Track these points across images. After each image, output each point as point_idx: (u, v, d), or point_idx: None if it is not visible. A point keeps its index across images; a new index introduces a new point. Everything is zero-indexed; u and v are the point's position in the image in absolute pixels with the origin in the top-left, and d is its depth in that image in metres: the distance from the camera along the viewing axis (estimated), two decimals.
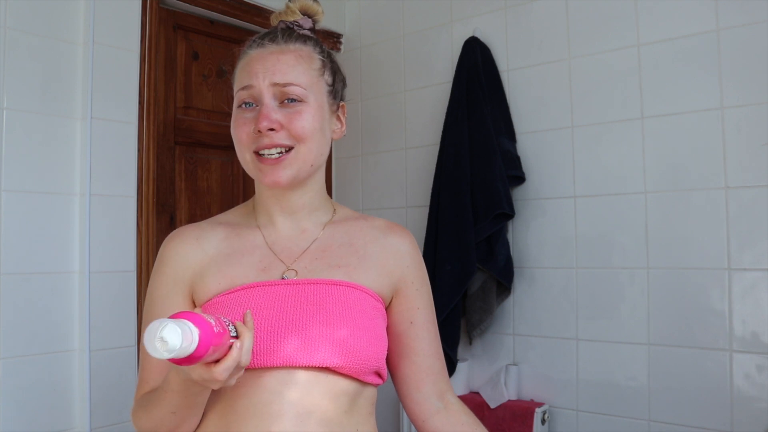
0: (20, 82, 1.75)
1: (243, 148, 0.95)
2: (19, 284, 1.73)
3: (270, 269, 0.96)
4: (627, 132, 1.99)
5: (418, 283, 1.03)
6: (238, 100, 0.95)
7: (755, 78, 1.76)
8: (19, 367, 1.71)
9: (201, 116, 2.31)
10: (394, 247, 1.02)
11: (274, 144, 0.91)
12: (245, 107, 0.94)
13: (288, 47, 0.96)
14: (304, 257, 0.97)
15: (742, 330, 1.76)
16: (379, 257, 1.00)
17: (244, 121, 0.94)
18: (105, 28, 1.91)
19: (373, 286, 0.97)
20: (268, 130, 0.90)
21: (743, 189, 1.77)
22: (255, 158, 0.94)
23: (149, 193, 2.02)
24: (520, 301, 2.20)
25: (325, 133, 0.97)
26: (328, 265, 0.96)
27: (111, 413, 1.86)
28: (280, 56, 0.95)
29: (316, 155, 0.96)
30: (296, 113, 0.93)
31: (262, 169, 0.93)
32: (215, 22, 2.35)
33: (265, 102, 0.92)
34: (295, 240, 0.99)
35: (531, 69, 2.21)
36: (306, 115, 0.93)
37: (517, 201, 2.19)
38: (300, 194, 0.99)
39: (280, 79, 0.93)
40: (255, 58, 0.96)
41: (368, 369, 0.91)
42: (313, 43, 1.00)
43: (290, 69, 0.94)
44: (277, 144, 0.91)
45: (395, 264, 1.01)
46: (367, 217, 1.07)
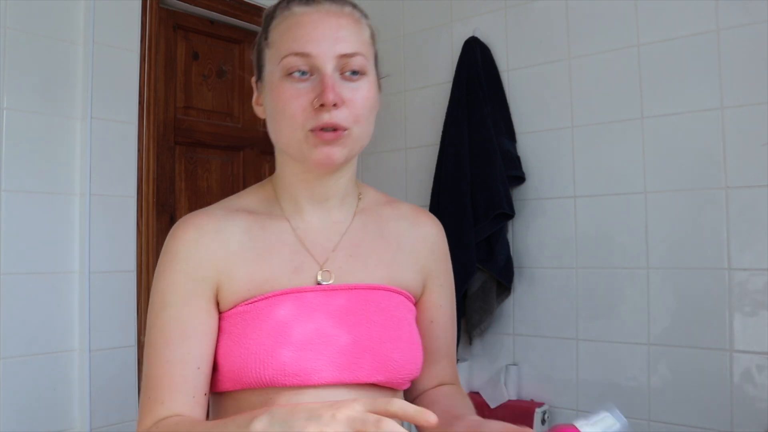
0: (20, 82, 1.75)
1: (295, 125, 0.79)
2: (19, 284, 1.73)
3: (302, 270, 0.84)
4: (627, 132, 1.99)
5: (442, 278, 0.97)
6: (288, 68, 0.79)
7: (755, 78, 1.76)
8: (19, 367, 1.71)
9: (201, 116, 2.31)
10: (425, 238, 0.94)
11: (334, 123, 0.78)
12: (298, 76, 0.79)
13: (344, 10, 0.83)
14: (338, 254, 0.86)
15: (742, 330, 1.76)
16: (411, 250, 0.92)
17: (297, 93, 0.78)
18: (105, 28, 1.91)
19: (408, 285, 0.90)
20: (332, 105, 0.77)
21: (743, 189, 1.77)
22: (309, 135, 0.79)
23: (149, 193, 2.02)
24: (520, 301, 2.20)
25: (376, 110, 0.87)
26: (365, 265, 0.87)
27: (111, 413, 1.86)
28: (339, 20, 0.81)
29: (367, 136, 0.85)
30: (358, 90, 0.81)
31: (316, 145, 0.79)
32: (215, 22, 2.35)
33: (328, 72, 0.78)
34: (326, 233, 0.87)
35: (531, 69, 2.21)
36: (367, 92, 0.82)
37: (517, 201, 2.19)
38: (336, 179, 0.86)
39: (346, 48, 0.79)
40: (308, 18, 0.80)
41: (408, 380, 0.86)
42: (359, 9, 0.87)
43: (352, 36, 0.81)
44: (336, 123, 0.78)
45: (426, 257, 0.94)
46: (393, 200, 0.97)
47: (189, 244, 0.82)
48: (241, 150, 2.42)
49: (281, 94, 0.79)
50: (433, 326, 0.95)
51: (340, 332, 0.80)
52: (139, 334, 1.96)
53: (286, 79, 0.79)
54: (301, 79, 0.79)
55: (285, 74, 0.79)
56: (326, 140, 0.78)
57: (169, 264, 0.82)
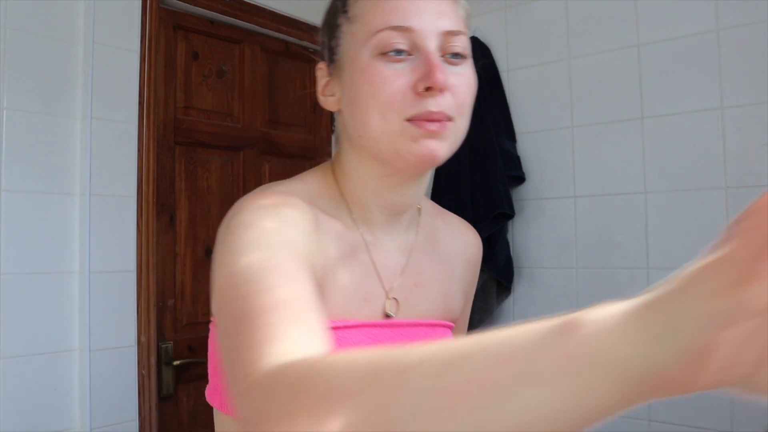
0: (20, 82, 1.75)
1: (391, 113, 0.65)
2: (19, 284, 1.73)
3: (372, 297, 0.72)
4: (627, 132, 1.99)
5: (471, 291, 0.89)
6: (383, 44, 0.65)
7: (755, 78, 1.76)
8: (19, 367, 1.71)
9: (201, 116, 2.31)
10: (471, 259, 0.86)
11: (439, 111, 0.65)
12: (394, 55, 0.65)
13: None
14: (405, 280, 0.76)
15: None
16: (461, 276, 0.83)
17: (395, 74, 0.65)
18: (105, 28, 1.91)
19: (455, 314, 0.82)
20: (440, 90, 0.65)
21: (743, 189, 1.77)
22: (408, 125, 0.65)
23: (149, 193, 2.02)
24: (520, 301, 2.20)
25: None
26: (426, 299, 0.77)
27: (111, 413, 1.86)
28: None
29: (466, 131, 0.71)
30: (461, 75, 0.68)
31: (417, 138, 0.65)
32: (215, 22, 2.35)
33: (431, 50, 0.65)
34: (394, 253, 0.76)
35: (531, 69, 2.21)
36: (469, 78, 0.69)
37: (517, 201, 2.19)
38: (417, 185, 0.74)
39: (450, 24, 0.67)
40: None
41: None
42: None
43: (453, 12, 0.69)
44: (442, 112, 0.65)
45: (470, 280, 0.86)
46: (443, 212, 0.88)
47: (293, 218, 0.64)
48: (241, 150, 2.42)
49: (373, 76, 0.66)
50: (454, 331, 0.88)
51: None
52: (139, 334, 1.96)
53: (380, 58, 0.66)
54: (398, 59, 0.66)
55: (378, 53, 0.66)
56: (430, 132, 0.65)
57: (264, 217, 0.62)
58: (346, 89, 0.70)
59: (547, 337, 0.33)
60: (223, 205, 2.27)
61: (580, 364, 0.31)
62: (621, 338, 0.31)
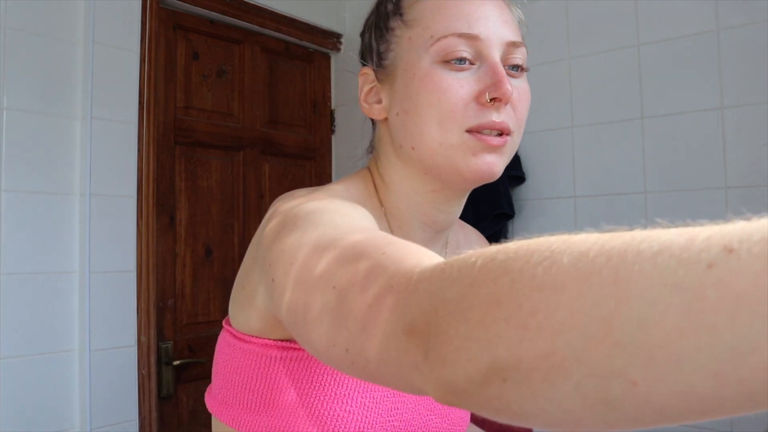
0: (20, 82, 1.75)
1: (451, 123, 0.62)
2: (19, 284, 1.73)
3: None
4: (627, 132, 1.99)
5: None
6: (447, 51, 0.62)
7: (755, 78, 1.76)
8: (19, 367, 1.71)
9: (201, 116, 2.31)
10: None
11: (502, 124, 0.63)
12: (457, 64, 0.63)
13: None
14: None
15: None
16: None
17: (459, 83, 0.62)
18: (105, 28, 1.92)
19: None
20: (506, 103, 0.63)
21: (743, 189, 1.77)
22: (468, 138, 0.62)
23: (149, 193, 2.02)
24: None
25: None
26: None
27: (111, 413, 1.86)
28: (501, 2, 0.68)
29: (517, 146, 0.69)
30: (522, 88, 0.68)
31: (476, 152, 0.62)
32: (215, 22, 2.35)
33: (496, 60, 0.64)
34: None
35: (531, 69, 2.20)
36: (529, 93, 0.69)
37: (517, 201, 2.19)
38: (462, 202, 0.72)
39: (513, 34, 0.66)
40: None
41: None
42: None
43: (514, 22, 0.68)
44: (504, 126, 0.63)
45: None
46: (462, 224, 0.86)
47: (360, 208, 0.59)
48: (241, 150, 2.42)
49: (436, 84, 0.62)
50: None
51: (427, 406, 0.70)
52: (139, 334, 1.96)
53: (442, 66, 0.63)
54: (461, 67, 0.63)
55: (440, 60, 0.63)
56: (490, 146, 0.62)
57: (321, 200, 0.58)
58: (399, 97, 0.66)
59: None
60: (223, 205, 2.27)
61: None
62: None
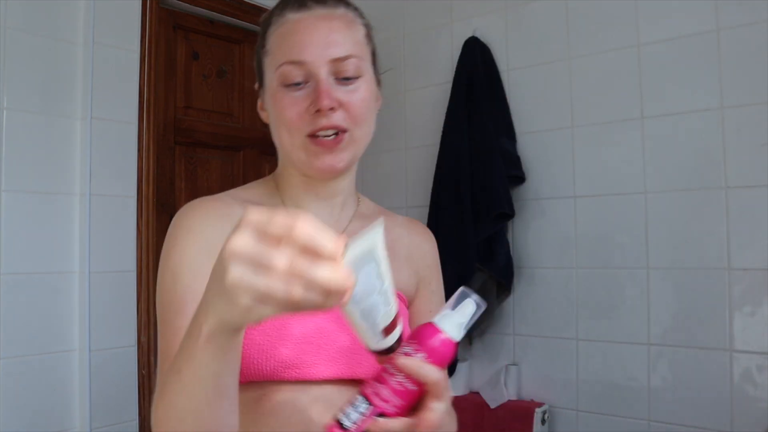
0: (20, 82, 1.75)
1: (294, 130, 0.81)
2: (19, 284, 1.73)
3: None
4: (627, 132, 1.99)
5: (435, 284, 0.98)
6: (284, 78, 0.81)
7: (755, 78, 1.76)
8: (19, 367, 1.71)
9: (201, 116, 2.31)
10: (419, 245, 0.97)
11: (332, 125, 0.80)
12: (293, 86, 0.81)
13: (335, 12, 0.83)
14: None
15: (742, 330, 1.76)
16: (406, 254, 0.94)
17: (294, 101, 0.80)
18: (105, 28, 1.92)
19: (403, 288, 0.92)
20: (328, 110, 0.79)
21: (743, 189, 1.77)
22: (308, 141, 0.81)
23: (149, 193, 2.02)
24: (520, 301, 2.20)
25: (374, 110, 0.88)
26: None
27: (111, 413, 1.86)
28: (330, 23, 0.82)
29: (369, 136, 0.86)
30: (354, 92, 0.82)
31: (316, 153, 0.81)
32: (215, 22, 2.35)
33: (322, 78, 0.80)
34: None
35: (531, 69, 2.21)
36: (364, 93, 0.83)
37: (517, 201, 2.19)
38: (341, 179, 0.88)
39: (338, 52, 0.80)
40: (301, 24, 0.81)
41: None
42: (353, 7, 0.88)
43: (345, 39, 0.82)
44: (335, 125, 0.80)
45: (419, 262, 0.96)
46: (389, 212, 1.00)
47: (202, 221, 0.82)
48: (241, 150, 2.42)
49: (279, 102, 0.81)
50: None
51: (339, 330, 0.81)
52: (139, 334, 1.96)
53: (284, 88, 0.81)
54: (296, 87, 0.81)
55: (281, 84, 0.81)
56: (326, 147, 0.80)
57: (181, 238, 0.81)
58: (268, 108, 0.86)
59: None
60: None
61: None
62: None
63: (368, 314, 0.60)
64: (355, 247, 0.54)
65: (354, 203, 0.95)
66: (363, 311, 0.59)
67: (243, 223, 0.47)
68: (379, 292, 0.58)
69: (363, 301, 0.58)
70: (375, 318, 0.60)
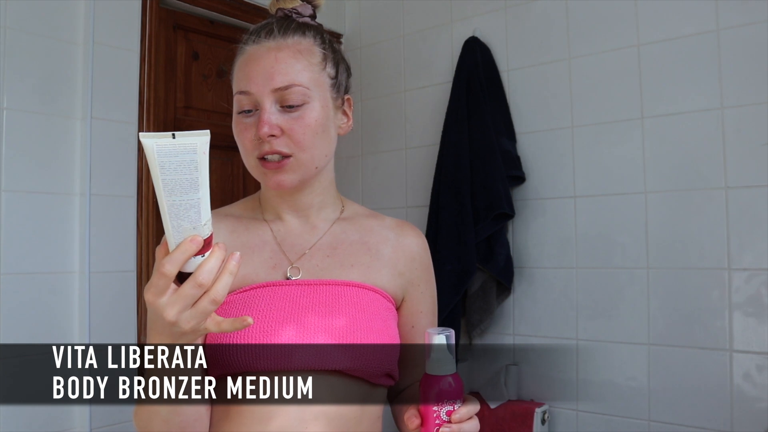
0: (20, 82, 1.75)
1: (247, 153, 0.90)
2: (19, 284, 1.73)
3: (279, 267, 0.92)
4: (627, 132, 1.99)
5: (423, 286, 1.00)
6: (238, 105, 0.90)
7: (755, 78, 1.76)
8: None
9: (201, 116, 2.31)
10: (406, 248, 0.99)
11: (274, 151, 0.87)
12: (245, 113, 0.90)
13: (285, 42, 0.89)
14: (314, 253, 0.94)
15: (742, 330, 1.76)
16: (391, 257, 0.97)
17: (246, 127, 0.89)
18: (105, 28, 1.91)
19: (386, 287, 0.95)
20: (268, 136, 0.86)
21: (743, 189, 1.77)
22: (258, 163, 0.89)
23: (149, 193, 2.02)
24: (520, 301, 2.20)
25: (329, 133, 0.92)
26: (341, 264, 0.94)
27: (111, 413, 1.86)
28: (277, 54, 0.88)
29: (319, 158, 0.91)
30: (298, 119, 0.88)
31: (265, 173, 0.89)
32: (215, 22, 2.35)
33: (265, 107, 0.87)
34: (304, 236, 0.96)
35: (531, 69, 2.21)
36: (308, 120, 0.88)
37: (517, 201, 2.19)
38: (307, 193, 0.95)
39: (279, 82, 0.87)
40: (251, 57, 0.89)
41: (380, 372, 0.88)
42: (313, 33, 0.93)
43: (289, 68, 0.88)
44: (276, 151, 0.87)
45: (406, 265, 0.98)
46: (377, 214, 1.04)
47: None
48: None
49: (235, 126, 0.91)
50: (414, 331, 0.99)
51: (313, 321, 0.86)
52: (139, 334, 1.96)
53: (238, 114, 0.90)
54: (248, 114, 0.89)
55: (237, 110, 0.90)
56: (272, 169, 0.88)
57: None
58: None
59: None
60: (223, 205, 2.27)
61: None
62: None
63: (176, 213, 0.63)
64: (181, 138, 0.59)
65: (337, 209, 1.00)
66: (171, 206, 0.62)
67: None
68: (190, 192, 0.61)
69: (173, 194, 0.61)
70: (181, 220, 0.63)
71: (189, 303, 0.66)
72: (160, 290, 0.66)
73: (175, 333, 0.69)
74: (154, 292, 0.66)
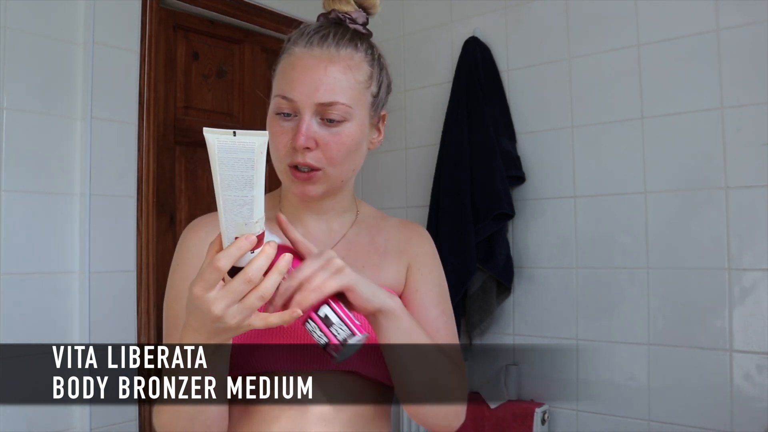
0: (20, 82, 1.75)
1: (279, 157, 0.89)
2: (19, 284, 1.73)
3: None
4: (627, 132, 1.99)
5: (426, 269, 1.00)
6: (277, 107, 0.88)
7: (755, 78, 1.76)
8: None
9: (201, 116, 2.31)
10: (410, 238, 1.01)
11: (306, 164, 0.87)
12: (283, 116, 0.88)
13: (338, 54, 0.88)
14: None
15: (742, 330, 1.76)
16: (397, 249, 0.99)
17: (282, 131, 0.88)
18: (105, 28, 1.91)
19: (393, 283, 0.95)
20: (304, 148, 0.85)
21: (743, 189, 1.77)
22: (289, 170, 0.88)
23: (149, 193, 2.02)
24: (520, 301, 2.20)
25: (361, 150, 0.93)
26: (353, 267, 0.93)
27: (111, 413, 1.86)
28: (328, 66, 0.87)
29: (347, 173, 0.92)
30: (335, 135, 0.87)
31: (293, 181, 0.89)
32: (215, 22, 2.35)
33: (305, 118, 0.86)
34: (322, 239, 0.96)
35: (531, 69, 2.21)
36: (344, 138, 0.88)
37: (517, 201, 2.19)
38: (329, 200, 0.96)
39: (324, 98, 0.86)
40: (299, 62, 0.87)
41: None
42: (365, 47, 0.93)
43: (336, 85, 0.87)
44: (308, 164, 0.87)
45: (408, 251, 0.99)
46: (386, 216, 1.06)
47: (197, 241, 0.91)
48: None
49: (271, 127, 0.89)
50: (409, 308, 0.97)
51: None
52: (139, 334, 1.96)
53: (276, 115, 0.88)
54: (286, 118, 0.87)
55: (275, 111, 0.88)
56: (301, 179, 0.88)
57: (182, 260, 0.91)
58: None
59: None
60: None
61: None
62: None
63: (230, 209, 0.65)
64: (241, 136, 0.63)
65: (353, 213, 1.01)
66: (226, 201, 0.64)
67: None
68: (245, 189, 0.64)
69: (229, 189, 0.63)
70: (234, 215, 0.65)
71: (237, 298, 0.67)
72: (210, 284, 0.67)
73: (218, 328, 0.69)
74: (203, 286, 0.67)
